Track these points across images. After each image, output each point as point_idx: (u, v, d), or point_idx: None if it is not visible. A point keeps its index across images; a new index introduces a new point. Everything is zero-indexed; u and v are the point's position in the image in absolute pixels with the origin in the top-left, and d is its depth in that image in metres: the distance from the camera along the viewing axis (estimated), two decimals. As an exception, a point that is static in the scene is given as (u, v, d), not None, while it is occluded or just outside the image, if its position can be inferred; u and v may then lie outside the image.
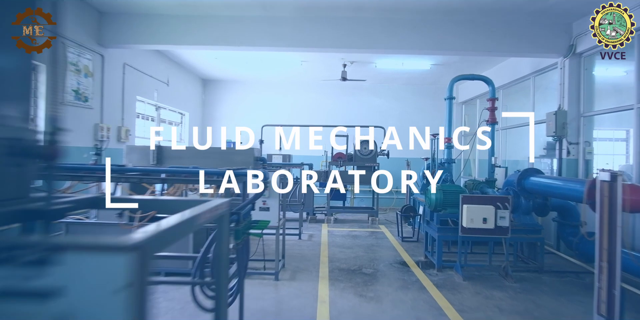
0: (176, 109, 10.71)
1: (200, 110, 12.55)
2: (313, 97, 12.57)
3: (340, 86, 12.50)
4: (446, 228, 5.75)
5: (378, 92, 12.64)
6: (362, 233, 8.30)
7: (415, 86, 12.63)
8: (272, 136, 10.84)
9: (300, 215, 7.70)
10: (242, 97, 12.64)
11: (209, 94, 12.68)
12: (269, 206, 4.94)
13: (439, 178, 6.97)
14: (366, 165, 9.46)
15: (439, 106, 12.87)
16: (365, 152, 9.52)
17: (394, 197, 12.34)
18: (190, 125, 11.70)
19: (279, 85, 12.54)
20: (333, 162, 9.49)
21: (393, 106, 12.63)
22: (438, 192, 5.83)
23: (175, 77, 10.30)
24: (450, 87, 7.95)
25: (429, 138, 11.87)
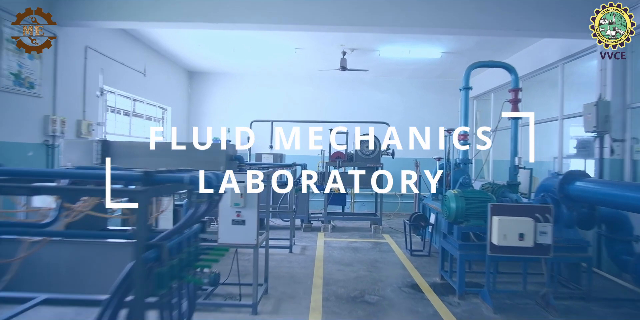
0: (156, 103, 9.59)
1: (186, 106, 11.43)
2: (309, 91, 11.45)
3: (339, 79, 11.40)
4: (470, 245, 4.63)
5: (380, 86, 11.53)
6: (363, 245, 7.17)
7: (421, 79, 11.51)
8: (264, 134, 9.73)
9: (292, 225, 6.58)
10: (232, 91, 11.52)
11: (196, 88, 11.57)
12: (245, 218, 3.82)
13: (457, 182, 5.84)
14: (368, 166, 8.34)
15: (447, 102, 11.80)
16: (368, 152, 8.40)
17: (399, 201, 11.23)
18: (174, 121, 10.59)
19: (272, 77, 11.43)
20: (331, 162, 8.37)
21: (397, 101, 11.51)
22: (459, 199, 4.71)
23: (154, 67, 9.19)
24: (466, 75, 6.85)
25: (442, 134, 10.78)
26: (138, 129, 8.85)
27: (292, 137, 11.36)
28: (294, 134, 11.38)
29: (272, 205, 7.89)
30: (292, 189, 6.30)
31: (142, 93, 8.75)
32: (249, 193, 3.81)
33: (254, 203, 3.84)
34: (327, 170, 8.33)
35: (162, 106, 10.03)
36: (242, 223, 3.82)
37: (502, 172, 10.80)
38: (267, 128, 9.44)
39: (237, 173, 3.90)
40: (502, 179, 7.92)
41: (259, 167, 6.51)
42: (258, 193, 3.85)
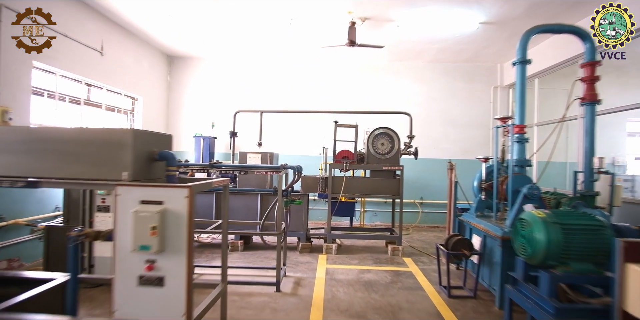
0: (122, 90, 7.81)
1: (165, 96, 9.64)
2: (310, 78, 9.58)
3: (346, 65, 9.52)
4: (573, 309, 2.71)
5: (397, 73, 9.61)
6: (380, 276, 5.28)
7: (446, 64, 9.57)
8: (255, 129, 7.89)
9: (279, 252, 4.67)
10: (219, 79, 9.70)
11: (178, 75, 9.77)
12: (163, 274, 1.97)
13: (518, 194, 3.95)
14: (384, 170, 6.45)
15: (477, 91, 9.82)
16: (383, 150, 6.51)
17: (419, 210, 9.30)
18: (149, 114, 8.81)
19: (264, 60, 9.58)
20: (336, 164, 6.50)
21: (416, 91, 9.58)
22: (551, 228, 2.80)
23: (118, 45, 7.41)
24: (522, 44, 4.95)
25: (491, 125, 8.92)
26: (98, 122, 7.07)
27: (287, 132, 9.51)
28: (290, 129, 9.54)
29: (254, 222, 6.05)
30: (281, 200, 4.44)
31: (101, 77, 6.97)
32: (172, 221, 1.96)
33: (181, 242, 1.98)
34: (331, 173, 6.45)
35: (131, 95, 8.24)
36: (157, 283, 1.96)
37: (549, 176, 8.92)
38: (258, 121, 7.59)
39: (153, 185, 2.05)
40: (549, 185, 5.98)
41: (229, 171, 4.65)
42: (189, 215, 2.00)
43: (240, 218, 6.44)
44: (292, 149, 9.40)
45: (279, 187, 4.43)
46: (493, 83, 9.52)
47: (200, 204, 6.52)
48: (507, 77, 9.33)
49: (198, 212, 6.50)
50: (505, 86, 9.44)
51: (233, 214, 6.51)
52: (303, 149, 9.38)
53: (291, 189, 5.06)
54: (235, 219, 6.47)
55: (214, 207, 6.53)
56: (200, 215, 6.43)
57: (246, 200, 6.50)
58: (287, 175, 5.36)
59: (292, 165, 4.76)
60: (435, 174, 9.39)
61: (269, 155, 6.53)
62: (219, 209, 6.55)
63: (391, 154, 6.50)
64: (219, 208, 6.53)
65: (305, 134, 9.41)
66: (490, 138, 9.44)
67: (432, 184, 9.39)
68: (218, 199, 6.53)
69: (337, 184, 6.44)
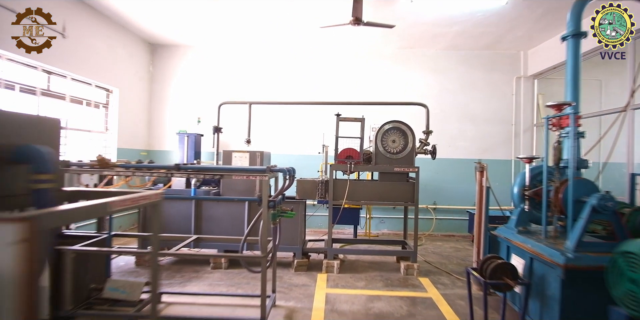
0: (92, 81, 6.79)
1: (147, 88, 8.62)
2: (307, 67, 8.54)
3: (348, 52, 8.46)
4: None
5: (407, 62, 8.54)
6: (393, 306, 4.22)
7: (463, 52, 8.50)
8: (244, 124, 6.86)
9: (264, 281, 3.59)
10: (207, 70, 8.67)
11: (161, 66, 8.74)
12: None
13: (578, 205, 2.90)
14: (396, 171, 5.39)
15: (498, 82, 8.70)
16: (395, 149, 5.45)
17: (433, 216, 8.24)
18: (127, 108, 7.80)
19: (257, 48, 8.55)
20: (338, 165, 5.45)
21: (428, 82, 8.51)
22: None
23: (87, 29, 6.40)
24: (576, 13, 3.92)
25: (513, 120, 7.93)
26: (60, 115, 6.05)
27: (282, 128, 8.48)
28: (285, 125, 8.51)
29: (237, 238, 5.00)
30: (267, 213, 3.40)
31: (62, 64, 5.96)
32: None
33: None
34: (333, 176, 5.41)
35: (104, 86, 7.23)
36: None
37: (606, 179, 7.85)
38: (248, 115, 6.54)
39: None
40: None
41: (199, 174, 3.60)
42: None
43: (224, 230, 5.41)
44: (288, 148, 8.37)
45: (264, 196, 3.38)
46: (516, 73, 8.44)
47: (176, 214, 5.50)
48: (532, 65, 8.25)
49: (172, 224, 5.47)
50: (529, 76, 8.36)
51: (215, 225, 5.47)
52: (300, 148, 8.34)
53: (282, 197, 4.01)
54: (219, 231, 5.45)
55: (193, 218, 5.49)
56: (174, 229, 5.41)
57: (231, 208, 5.47)
58: (277, 179, 4.31)
59: (281, 167, 3.71)
60: (450, 176, 8.34)
61: (258, 154, 5.48)
62: (199, 220, 5.51)
63: (404, 153, 5.44)
64: (199, 219, 5.50)
65: (302, 130, 8.36)
66: (513, 135, 8.37)
67: (446, 187, 8.33)
68: (199, 207, 5.50)
69: (340, 189, 5.39)
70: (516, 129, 8.38)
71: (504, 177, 8.30)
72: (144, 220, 5.52)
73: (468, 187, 8.32)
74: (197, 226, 5.50)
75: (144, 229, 5.47)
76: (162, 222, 5.43)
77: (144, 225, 5.50)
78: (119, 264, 5.50)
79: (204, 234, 5.45)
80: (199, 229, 5.51)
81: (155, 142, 8.66)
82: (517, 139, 8.37)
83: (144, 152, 8.47)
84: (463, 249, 7.00)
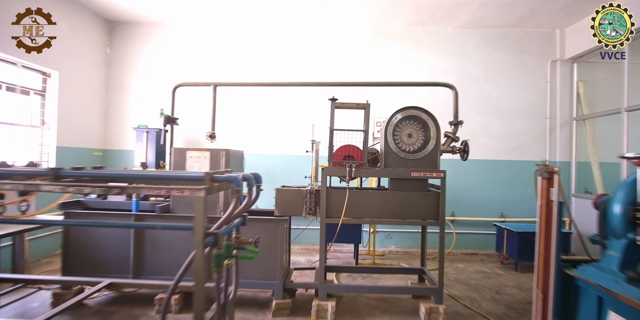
0: (17, 59, 5.28)
1: (102, 74, 7.11)
2: (299, 46, 7.04)
3: (348, 29, 6.96)
4: None
5: (417, 41, 7.05)
6: None
7: (485, 31, 7.02)
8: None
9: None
10: (179, 52, 7.16)
11: (121, 47, 7.23)
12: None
13: None
14: (414, 177, 3.87)
15: (527, 66, 7.01)
16: (411, 145, 3.94)
17: (452, 230, 6.73)
18: (73, 96, 6.30)
19: (238, 27, 7.06)
20: (333, 168, 3.94)
21: (444, 66, 7.01)
22: None
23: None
24: None
25: (548, 113, 6.61)
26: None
27: (262, 121, 6.99)
28: (265, 116, 7.03)
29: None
30: (202, 254, 1.92)
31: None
32: None
33: None
34: (326, 183, 3.90)
35: (38, 68, 5.71)
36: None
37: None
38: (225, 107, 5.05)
39: None
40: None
41: (82, 187, 2.08)
42: None
43: (175, 259, 3.89)
44: (273, 146, 6.88)
45: (196, 226, 1.87)
46: (550, 56, 6.95)
47: (112, 236, 3.98)
48: (571, 46, 6.77)
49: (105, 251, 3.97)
50: (567, 60, 6.86)
51: (164, 252, 3.96)
52: (289, 147, 6.84)
53: (240, 220, 2.49)
54: (168, 261, 3.94)
55: (133, 242, 3.97)
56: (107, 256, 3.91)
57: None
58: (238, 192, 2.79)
59: (234, 175, 2.19)
60: (471, 181, 6.85)
61: (222, 153, 3.95)
62: (141, 245, 3.99)
63: (424, 151, 3.93)
64: (140, 244, 3.97)
65: (291, 123, 6.86)
66: (547, 131, 6.89)
67: (467, 195, 6.84)
68: (140, 232, 3.97)
69: (336, 202, 3.89)
70: (551, 124, 6.88)
71: (537, 182, 6.81)
72: (66, 242, 4.03)
73: (493, 195, 6.86)
74: (137, 254, 3.98)
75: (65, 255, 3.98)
76: (90, 247, 3.94)
77: (66, 248, 4.01)
78: (31, 304, 4.00)
79: (147, 264, 3.94)
80: (140, 257, 3.99)
81: (114, 140, 7.15)
82: (553, 135, 6.88)
83: (98, 152, 6.96)
84: (494, 275, 5.49)
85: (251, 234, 3.74)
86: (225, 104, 6.51)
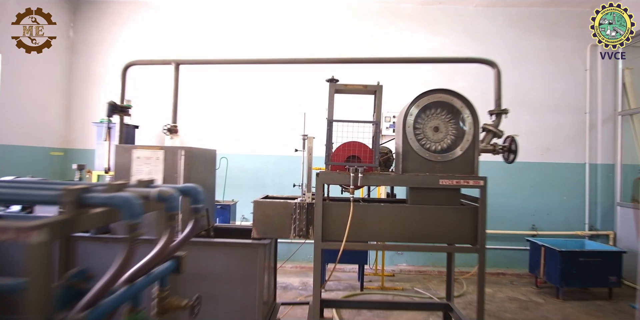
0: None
1: (64, 61, 6.08)
2: (296, 26, 6.00)
3: (352, 7, 5.93)
4: None
5: (433, 22, 6.01)
6: None
7: (512, 9, 5.98)
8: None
9: None
10: (151, 31, 6.13)
11: (86, 29, 6.20)
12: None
13: None
14: (443, 186, 2.82)
15: (562, 52, 5.81)
16: (439, 143, 2.89)
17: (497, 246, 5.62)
18: (23, 85, 5.28)
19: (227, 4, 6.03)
20: (331, 173, 2.89)
21: (464, 51, 5.95)
22: None
23: None
24: None
25: (588, 107, 5.64)
26: None
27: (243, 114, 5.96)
28: (247, 108, 6.00)
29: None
30: None
31: None
32: None
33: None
34: (323, 193, 2.86)
35: (-26, 49, 4.71)
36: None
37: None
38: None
39: None
40: None
41: None
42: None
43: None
44: (257, 145, 5.85)
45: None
46: (589, 40, 5.82)
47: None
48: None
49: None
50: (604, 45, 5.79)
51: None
52: (275, 145, 5.80)
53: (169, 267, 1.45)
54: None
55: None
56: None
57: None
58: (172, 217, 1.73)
59: (124, 194, 1.14)
60: (496, 187, 5.73)
61: (181, 153, 2.89)
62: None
63: (457, 151, 2.88)
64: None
65: (280, 116, 5.82)
66: (587, 128, 5.85)
67: (490, 203, 5.63)
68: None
69: (335, 219, 2.84)
70: (591, 119, 5.84)
71: (575, 188, 5.79)
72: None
73: (523, 204, 5.80)
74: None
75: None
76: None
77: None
78: None
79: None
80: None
81: (77, 138, 6.11)
82: (593, 133, 5.83)
83: (58, 152, 5.93)
84: (532, 306, 4.42)
85: (218, 265, 2.69)
86: (207, 93, 5.48)
